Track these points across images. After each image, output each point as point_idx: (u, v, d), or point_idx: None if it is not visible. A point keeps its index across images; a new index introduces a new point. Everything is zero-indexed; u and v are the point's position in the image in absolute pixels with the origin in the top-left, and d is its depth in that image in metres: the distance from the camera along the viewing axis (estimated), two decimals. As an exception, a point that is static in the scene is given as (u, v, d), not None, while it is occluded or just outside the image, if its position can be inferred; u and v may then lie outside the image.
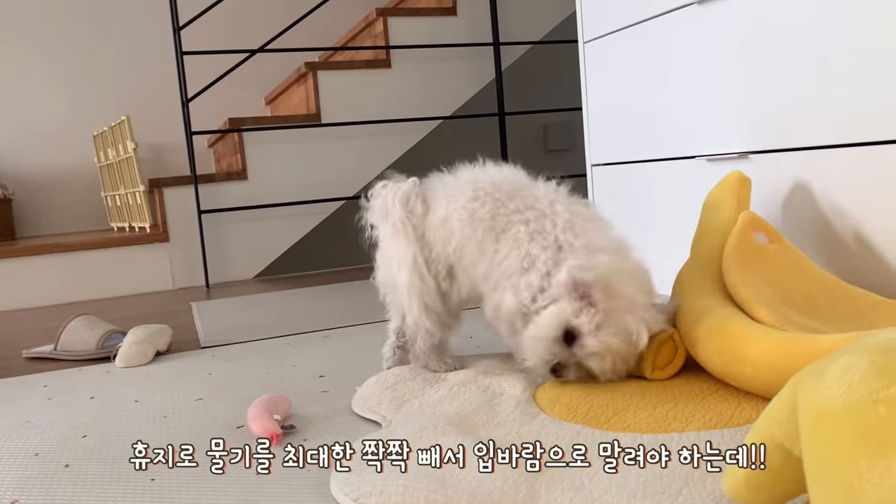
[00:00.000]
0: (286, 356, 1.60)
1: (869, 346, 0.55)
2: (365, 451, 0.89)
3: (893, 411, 0.49)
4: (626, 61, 1.82)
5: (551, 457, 0.87)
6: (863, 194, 1.26)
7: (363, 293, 2.39)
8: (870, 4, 1.21)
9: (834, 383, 0.54)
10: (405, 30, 3.13)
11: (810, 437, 0.54)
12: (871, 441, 0.49)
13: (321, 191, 3.05)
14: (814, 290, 1.15)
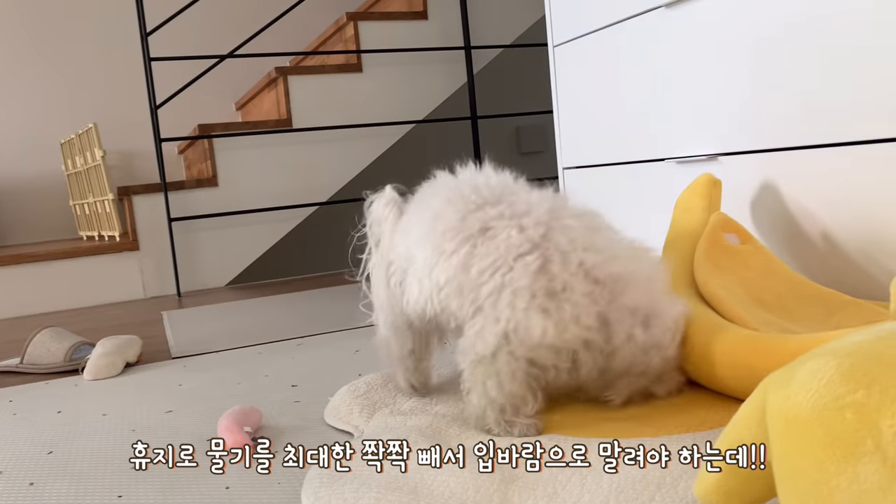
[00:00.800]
0: (258, 366, 1.58)
1: (835, 350, 0.55)
2: (338, 454, 0.88)
3: (860, 416, 0.49)
4: (595, 65, 1.83)
5: (525, 457, 0.87)
6: (830, 194, 1.27)
7: (337, 300, 2.37)
8: (835, 9, 1.22)
9: (801, 388, 0.53)
10: (376, 34, 3.12)
11: (778, 443, 0.54)
12: (838, 446, 0.49)
13: (293, 197, 3.03)
14: (784, 290, 1.16)
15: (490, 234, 0.95)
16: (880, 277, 1.20)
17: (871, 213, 1.21)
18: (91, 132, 2.92)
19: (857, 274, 1.24)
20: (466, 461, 0.87)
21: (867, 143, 1.20)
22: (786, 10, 1.30)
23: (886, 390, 0.49)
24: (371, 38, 3.11)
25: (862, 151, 1.21)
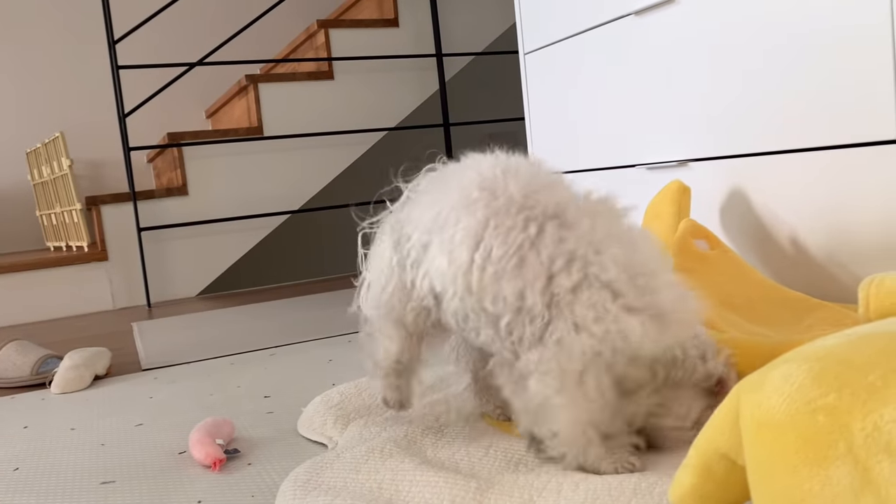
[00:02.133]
0: (230, 377, 1.56)
1: (807, 355, 0.56)
2: (312, 466, 0.87)
3: (832, 419, 0.50)
4: (566, 72, 1.84)
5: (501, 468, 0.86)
6: (798, 199, 1.29)
7: (310, 309, 2.35)
8: (801, 16, 1.24)
9: (774, 393, 0.54)
10: (347, 41, 3.11)
11: (752, 448, 0.54)
12: (811, 450, 0.50)
13: (265, 205, 3.01)
14: (754, 295, 1.17)
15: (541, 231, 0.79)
16: (848, 281, 1.22)
17: (839, 217, 1.22)
18: (58, 141, 2.87)
19: (826, 278, 1.25)
20: (442, 471, 0.86)
21: (833, 148, 1.21)
22: (753, 18, 1.32)
23: (857, 393, 0.50)
24: (342, 46, 3.10)
25: (828, 157, 1.22)
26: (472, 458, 0.92)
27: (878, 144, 1.15)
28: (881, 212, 1.15)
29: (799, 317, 1.13)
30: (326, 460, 0.94)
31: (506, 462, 0.90)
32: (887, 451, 0.46)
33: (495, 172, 0.85)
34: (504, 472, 0.87)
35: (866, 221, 1.18)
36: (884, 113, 1.13)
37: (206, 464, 1.03)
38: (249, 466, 1.02)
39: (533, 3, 1.92)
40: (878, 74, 1.13)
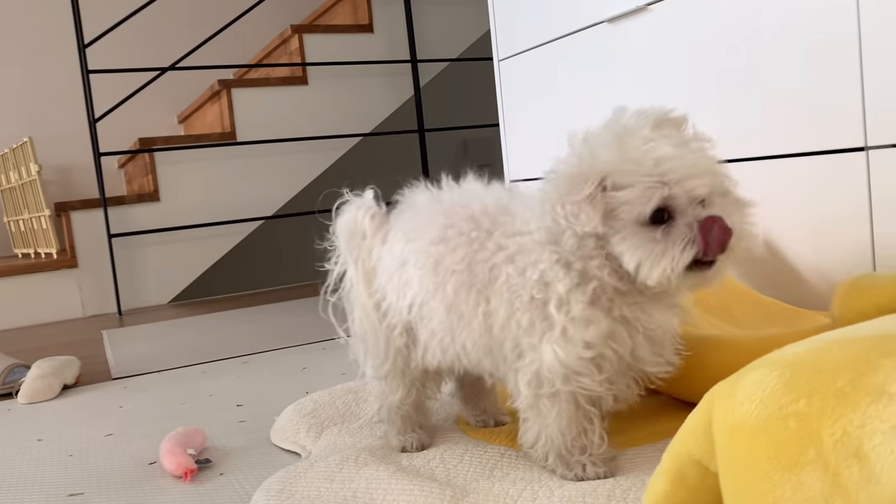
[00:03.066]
0: (202, 385, 1.55)
1: (777, 361, 0.56)
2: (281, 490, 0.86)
3: (803, 425, 0.50)
4: (540, 79, 1.84)
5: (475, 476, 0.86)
6: (771, 205, 1.30)
7: (283, 316, 2.34)
8: (771, 31, 1.25)
9: (746, 399, 0.54)
10: (321, 47, 3.10)
11: (725, 454, 0.54)
12: (782, 456, 0.50)
13: (238, 211, 2.98)
14: (729, 299, 1.18)
15: (495, 277, 0.84)
16: (821, 286, 1.23)
17: (812, 223, 1.24)
18: (26, 146, 2.82)
19: (799, 283, 1.27)
20: (417, 479, 0.86)
21: (806, 155, 1.23)
22: (725, 27, 1.33)
23: (826, 399, 0.50)
24: (316, 51, 3.09)
25: (801, 163, 1.24)
26: (447, 465, 0.92)
27: (848, 152, 1.16)
28: (852, 218, 1.17)
29: (774, 322, 1.14)
30: (300, 469, 0.93)
31: (481, 469, 0.90)
32: (856, 457, 0.46)
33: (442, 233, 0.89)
34: (479, 479, 0.87)
35: (838, 228, 1.20)
36: (852, 122, 1.14)
37: (177, 474, 1.02)
38: (221, 476, 1.01)
39: (507, 11, 1.92)
40: (847, 84, 1.14)
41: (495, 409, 1.07)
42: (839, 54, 1.15)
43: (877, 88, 1.11)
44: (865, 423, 0.47)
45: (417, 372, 0.96)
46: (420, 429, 1.01)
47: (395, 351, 0.95)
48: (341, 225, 0.98)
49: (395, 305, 0.92)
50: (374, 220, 0.96)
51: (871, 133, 1.13)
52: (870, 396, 0.49)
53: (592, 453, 0.84)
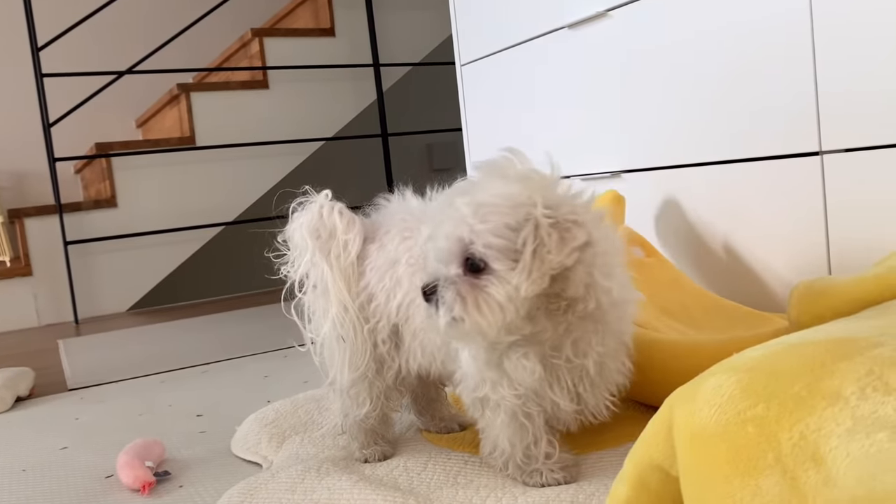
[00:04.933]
0: (161, 395, 1.52)
1: (736, 366, 0.56)
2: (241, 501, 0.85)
3: (761, 429, 0.50)
4: (501, 83, 1.85)
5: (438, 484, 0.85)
6: (729, 209, 1.32)
7: (244, 323, 2.31)
8: (728, 38, 1.27)
9: (705, 404, 0.54)
10: (282, 50, 3.07)
11: (685, 459, 0.55)
12: (741, 460, 0.50)
13: (197, 217, 2.94)
14: (689, 302, 1.19)
15: None
16: (779, 289, 1.25)
17: (770, 226, 1.26)
18: (-23, 152, 2.75)
19: (758, 286, 1.28)
20: (380, 488, 0.85)
21: (764, 159, 1.25)
22: (684, 34, 1.35)
23: (784, 403, 0.51)
24: (277, 55, 3.06)
25: (759, 168, 1.26)
26: (410, 474, 0.91)
27: (803, 156, 1.18)
28: (807, 222, 1.19)
29: (733, 324, 1.15)
30: (261, 481, 0.91)
31: (445, 476, 0.89)
32: (814, 460, 0.47)
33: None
34: (443, 487, 0.86)
35: (794, 232, 1.21)
36: (807, 126, 1.17)
37: (134, 487, 0.99)
38: (181, 489, 0.99)
39: (469, 16, 1.92)
40: (801, 89, 1.16)
41: (452, 415, 1.07)
42: (793, 60, 1.17)
43: (831, 93, 1.13)
44: (822, 426, 0.48)
45: (386, 382, 0.95)
46: (383, 441, 1.00)
47: (371, 356, 0.94)
48: (303, 224, 0.95)
49: (383, 307, 0.93)
50: (343, 216, 0.95)
51: (825, 138, 1.15)
52: (826, 400, 0.49)
53: (554, 461, 0.84)
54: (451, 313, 0.76)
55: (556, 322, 0.79)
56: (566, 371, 0.81)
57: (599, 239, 0.78)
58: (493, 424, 0.85)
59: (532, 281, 0.74)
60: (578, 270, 0.75)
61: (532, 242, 0.74)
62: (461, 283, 0.77)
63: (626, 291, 0.82)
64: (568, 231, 0.74)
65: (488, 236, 0.75)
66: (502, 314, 0.75)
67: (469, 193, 0.78)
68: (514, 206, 0.75)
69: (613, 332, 0.82)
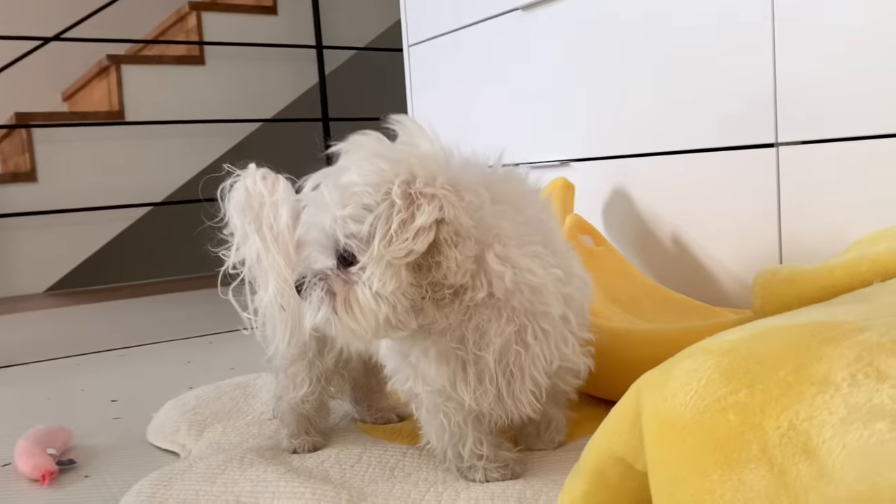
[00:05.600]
0: (73, 379, 1.40)
1: (711, 349, 0.51)
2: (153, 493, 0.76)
3: (744, 418, 0.45)
4: (451, 66, 1.78)
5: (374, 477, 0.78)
6: (679, 200, 1.29)
7: (169, 308, 2.19)
8: (686, 24, 1.23)
9: (679, 389, 0.49)
10: (221, 26, 2.94)
11: (655, 450, 0.49)
12: (721, 452, 0.45)
13: (124, 195, 2.79)
14: (639, 293, 1.15)
15: None
16: (727, 281, 1.22)
17: (721, 218, 1.23)
18: None
19: (706, 278, 1.25)
20: (309, 481, 0.78)
21: (716, 150, 1.22)
22: (639, 20, 1.31)
23: (769, 390, 0.46)
24: (215, 30, 2.93)
25: (710, 158, 1.23)
26: (343, 466, 0.84)
27: (758, 148, 1.15)
28: (761, 213, 1.16)
29: (682, 316, 1.12)
30: (177, 471, 0.83)
31: (380, 469, 0.82)
32: (805, 452, 0.42)
33: None
34: (378, 480, 0.79)
35: (746, 225, 1.19)
36: (764, 118, 1.14)
37: (33, 477, 0.90)
38: (86, 479, 0.90)
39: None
40: (760, 81, 1.13)
41: (390, 406, 1.00)
42: (752, 48, 1.14)
43: (789, 84, 1.10)
44: (813, 415, 0.43)
45: (327, 364, 0.88)
46: (315, 431, 0.92)
47: (316, 338, 0.86)
48: (234, 201, 0.88)
49: None
50: (266, 180, 0.88)
51: (781, 129, 1.13)
52: (815, 387, 0.44)
53: (489, 459, 0.77)
54: (318, 313, 0.68)
55: (446, 312, 0.69)
56: (472, 364, 0.72)
57: (485, 215, 0.68)
58: (421, 419, 0.79)
59: (384, 274, 0.65)
60: (449, 254, 0.65)
61: (383, 226, 0.64)
62: (333, 278, 0.68)
63: (532, 276, 0.70)
64: (419, 208, 0.64)
65: (349, 223, 0.66)
66: (373, 314, 0.66)
67: (334, 175, 0.69)
68: (375, 185, 0.65)
69: (526, 317, 0.71)
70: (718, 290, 1.24)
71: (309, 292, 0.69)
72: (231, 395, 1.11)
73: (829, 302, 0.65)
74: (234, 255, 0.88)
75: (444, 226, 0.65)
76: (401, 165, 0.66)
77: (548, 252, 0.72)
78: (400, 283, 0.65)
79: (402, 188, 0.64)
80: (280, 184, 0.89)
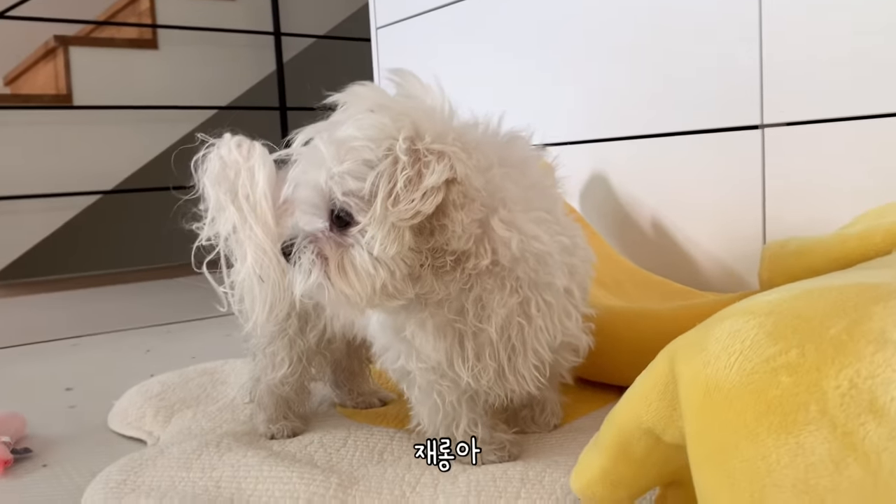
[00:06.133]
0: (22, 368, 1.32)
1: (752, 309, 0.48)
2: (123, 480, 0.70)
3: (798, 378, 0.42)
4: (421, 49, 1.74)
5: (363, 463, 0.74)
6: (658, 183, 1.27)
7: (122, 299, 2.10)
8: (667, 4, 1.22)
9: (722, 352, 0.46)
10: (175, 9, 2.84)
11: (698, 418, 0.46)
12: (775, 415, 0.42)
13: (72, 183, 2.66)
14: (622, 277, 1.13)
15: None
16: (706, 264, 1.21)
17: (700, 201, 1.21)
18: None
19: (684, 261, 1.24)
20: (295, 465, 0.72)
21: (696, 133, 1.20)
22: (621, 2, 1.29)
23: (822, 348, 0.43)
24: (169, 13, 2.83)
25: (690, 141, 1.21)
26: (327, 450, 0.79)
27: (743, 129, 1.14)
28: (745, 195, 1.15)
29: (666, 299, 1.10)
30: (147, 457, 0.77)
31: (368, 454, 0.78)
32: (871, 412, 0.39)
33: None
34: (367, 464, 0.75)
35: (730, 207, 1.17)
36: (749, 99, 1.12)
37: (-15, 467, 0.82)
38: (45, 468, 0.83)
39: (386, -23, 1.81)
40: (745, 60, 1.12)
41: (372, 390, 0.96)
42: (738, 29, 1.12)
43: (775, 65, 1.09)
44: (875, 372, 0.40)
45: (308, 343, 0.83)
46: (294, 416, 0.87)
47: (294, 309, 0.81)
48: (209, 172, 0.83)
49: None
50: (241, 147, 0.83)
51: (767, 111, 1.11)
52: (872, 345, 0.41)
53: (483, 441, 0.73)
54: (308, 279, 0.63)
55: (446, 281, 0.65)
56: (471, 338, 0.67)
57: (493, 176, 0.63)
58: (410, 396, 0.75)
59: (387, 236, 0.60)
60: (455, 217, 0.61)
61: (386, 185, 0.59)
62: (325, 240, 0.63)
63: (539, 242, 0.66)
64: (427, 166, 0.59)
65: (347, 180, 0.61)
66: (370, 280, 0.62)
67: (329, 130, 0.64)
68: (376, 140, 0.60)
69: (530, 288, 0.67)
70: (699, 274, 1.22)
71: (298, 256, 0.64)
72: (198, 382, 1.05)
73: (851, 269, 0.63)
74: (209, 228, 0.83)
75: (454, 186, 0.61)
76: (403, 119, 0.61)
77: (553, 219, 0.69)
78: (402, 247, 0.61)
79: (406, 144, 0.60)
80: (256, 150, 0.84)
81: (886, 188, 0.99)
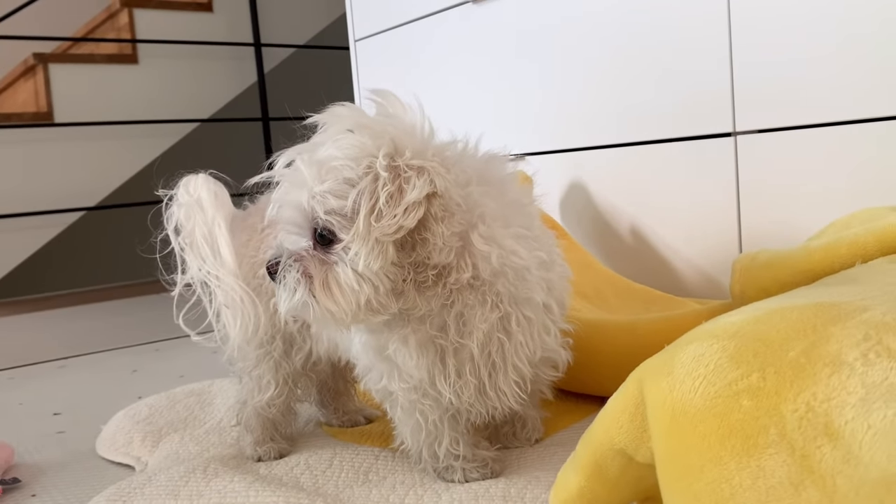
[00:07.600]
0: (9, 393, 1.32)
1: (715, 332, 0.50)
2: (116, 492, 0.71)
3: (758, 402, 0.44)
4: (400, 61, 1.75)
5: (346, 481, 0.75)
6: (637, 192, 1.29)
7: (108, 316, 2.10)
8: (642, 16, 1.23)
9: (686, 376, 0.47)
10: (154, 23, 2.84)
11: (665, 441, 0.47)
12: (737, 438, 0.43)
13: (55, 200, 2.66)
14: (602, 285, 1.14)
15: None
16: (687, 272, 1.23)
17: (679, 208, 1.23)
18: None
19: (665, 269, 1.25)
20: (281, 489, 0.74)
21: (673, 141, 1.22)
22: (594, 13, 1.30)
23: (782, 372, 0.44)
24: (148, 28, 2.83)
25: (668, 150, 1.23)
26: (314, 472, 0.80)
27: (717, 137, 1.16)
28: (720, 202, 1.16)
29: (647, 307, 1.11)
30: (135, 485, 0.78)
31: (354, 474, 0.79)
32: (827, 434, 0.40)
33: None
34: (353, 486, 0.76)
35: (706, 214, 1.19)
36: (722, 107, 1.14)
37: (-27, 499, 0.83)
38: (34, 498, 0.84)
39: (363, -11, 1.82)
40: (717, 71, 1.14)
41: (357, 408, 0.97)
42: (708, 37, 1.14)
43: (746, 73, 1.11)
44: (831, 395, 0.41)
45: (294, 366, 0.84)
46: (281, 437, 0.88)
47: (277, 331, 0.83)
48: (171, 224, 0.83)
49: None
50: (188, 185, 0.84)
51: (739, 118, 1.13)
52: (828, 367, 0.43)
53: (466, 459, 0.75)
54: (293, 297, 0.65)
55: (428, 297, 0.66)
56: (452, 355, 0.69)
57: (472, 192, 0.65)
58: (393, 416, 0.76)
59: (370, 252, 0.61)
60: (436, 230, 0.63)
61: (368, 201, 0.61)
62: (309, 259, 0.65)
63: (517, 257, 0.68)
64: (408, 182, 0.61)
65: (329, 199, 0.62)
66: (354, 295, 0.63)
67: (309, 151, 0.66)
68: (356, 159, 0.62)
69: (510, 303, 0.68)
70: (678, 281, 1.24)
71: (283, 274, 0.65)
72: (185, 403, 1.06)
73: (817, 283, 0.64)
74: (181, 279, 0.83)
75: (435, 199, 0.62)
76: (382, 138, 0.63)
77: (531, 236, 0.71)
78: (385, 262, 0.62)
79: (386, 160, 0.62)
80: (199, 183, 0.84)
81: (858, 193, 1.01)
